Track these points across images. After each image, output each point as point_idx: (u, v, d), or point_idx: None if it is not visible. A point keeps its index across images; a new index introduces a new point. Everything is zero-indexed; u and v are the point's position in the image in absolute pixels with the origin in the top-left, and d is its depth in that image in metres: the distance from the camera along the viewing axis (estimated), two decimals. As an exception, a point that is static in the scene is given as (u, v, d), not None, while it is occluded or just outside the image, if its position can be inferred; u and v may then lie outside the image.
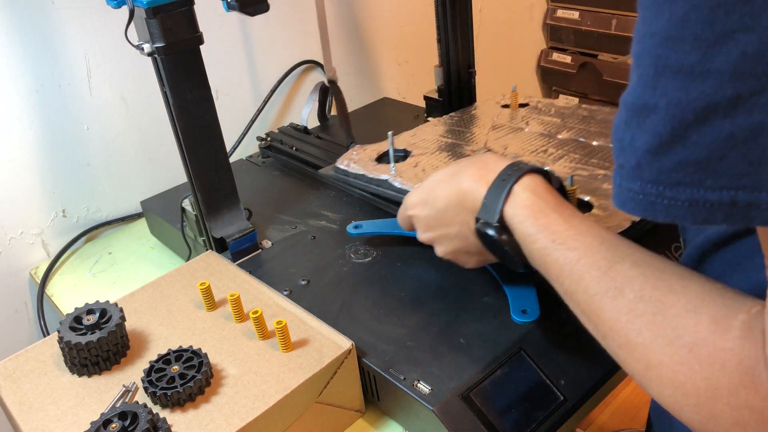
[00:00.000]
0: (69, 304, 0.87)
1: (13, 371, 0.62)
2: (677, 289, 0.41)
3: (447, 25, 1.01)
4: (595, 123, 0.85)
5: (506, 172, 0.56)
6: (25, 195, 0.94)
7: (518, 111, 0.93)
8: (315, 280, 0.74)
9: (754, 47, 0.29)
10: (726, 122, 0.31)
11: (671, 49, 0.31)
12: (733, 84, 0.30)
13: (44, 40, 0.90)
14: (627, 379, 0.63)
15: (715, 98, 0.31)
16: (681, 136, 0.32)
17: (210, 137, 0.75)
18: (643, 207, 0.34)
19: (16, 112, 0.90)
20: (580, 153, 0.78)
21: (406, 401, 0.59)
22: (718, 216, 0.32)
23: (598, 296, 0.44)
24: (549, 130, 0.86)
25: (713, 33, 0.30)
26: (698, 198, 0.32)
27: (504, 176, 0.55)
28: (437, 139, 0.87)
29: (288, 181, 0.98)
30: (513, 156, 0.78)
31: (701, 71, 0.31)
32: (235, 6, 0.70)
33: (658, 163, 0.33)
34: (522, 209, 0.53)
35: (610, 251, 0.47)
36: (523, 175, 0.55)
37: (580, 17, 1.62)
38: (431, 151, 0.82)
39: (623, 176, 0.35)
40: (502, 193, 0.54)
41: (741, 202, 0.32)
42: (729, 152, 0.31)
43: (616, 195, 0.36)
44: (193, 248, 0.86)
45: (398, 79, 1.39)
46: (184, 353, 0.60)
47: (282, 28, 1.15)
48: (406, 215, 0.66)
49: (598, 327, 0.45)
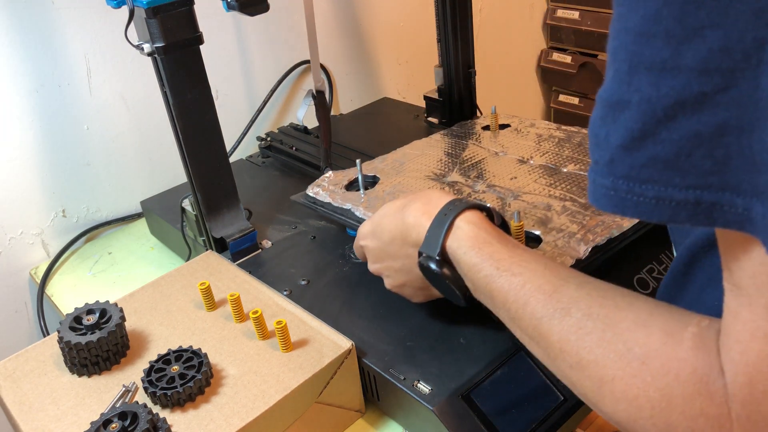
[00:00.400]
0: (69, 304, 0.87)
1: (13, 371, 0.62)
2: (624, 306, 0.41)
3: (447, 25, 1.01)
4: (569, 147, 0.86)
5: (448, 207, 0.57)
6: (25, 195, 0.94)
7: (498, 134, 0.94)
8: (315, 280, 0.74)
9: (721, 43, 0.29)
10: (693, 119, 0.31)
11: (645, 45, 0.31)
12: (699, 80, 0.30)
13: (44, 40, 0.90)
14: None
15: (683, 95, 0.31)
16: (651, 132, 0.32)
17: (210, 137, 0.75)
18: (614, 203, 0.34)
19: (16, 112, 0.90)
20: (545, 181, 0.78)
21: (406, 401, 0.59)
22: (682, 215, 0.32)
23: (546, 318, 0.45)
24: (522, 155, 0.86)
25: (683, 29, 0.30)
26: (665, 196, 0.32)
27: (446, 211, 0.56)
28: (413, 165, 0.87)
29: (288, 181, 0.98)
30: (484, 183, 0.79)
31: (672, 67, 0.31)
32: (235, 6, 0.70)
33: (630, 158, 0.33)
34: (465, 240, 0.54)
35: (554, 275, 0.47)
36: (465, 210, 0.56)
37: (580, 17, 1.62)
38: (400, 179, 0.83)
39: (597, 172, 0.35)
40: (443, 227, 0.55)
41: (705, 202, 0.32)
42: (696, 150, 0.31)
43: (591, 191, 0.36)
44: (193, 248, 0.86)
45: (398, 79, 1.39)
46: (184, 353, 0.60)
47: (282, 28, 1.15)
48: (358, 245, 0.67)
49: (548, 350, 0.45)
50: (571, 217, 0.69)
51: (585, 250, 0.64)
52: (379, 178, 0.84)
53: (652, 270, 0.70)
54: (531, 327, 0.46)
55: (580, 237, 0.65)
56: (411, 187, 0.80)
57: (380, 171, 0.86)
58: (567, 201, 0.73)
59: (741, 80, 0.30)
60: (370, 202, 0.77)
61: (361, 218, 0.75)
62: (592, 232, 0.66)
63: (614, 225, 0.67)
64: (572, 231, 0.66)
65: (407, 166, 0.86)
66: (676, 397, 0.36)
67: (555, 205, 0.72)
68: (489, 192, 0.77)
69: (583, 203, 0.71)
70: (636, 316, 0.40)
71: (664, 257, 0.71)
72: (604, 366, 0.40)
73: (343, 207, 0.77)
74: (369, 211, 0.75)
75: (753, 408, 0.33)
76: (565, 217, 0.69)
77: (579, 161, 0.81)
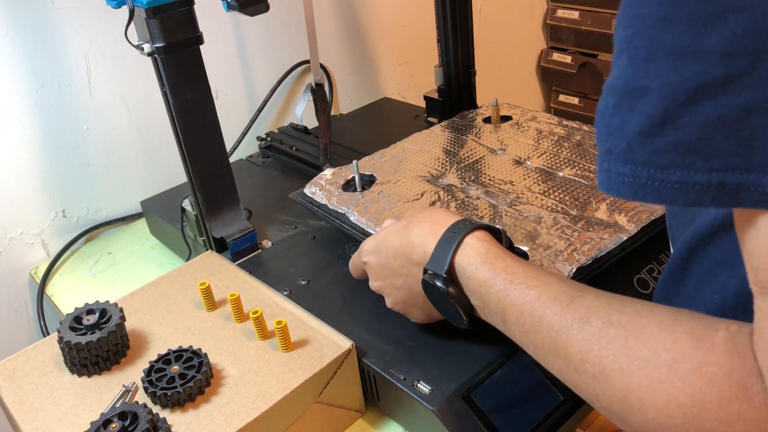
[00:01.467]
0: (69, 304, 0.87)
1: (13, 371, 0.62)
2: (645, 312, 0.40)
3: (447, 25, 1.01)
4: (568, 146, 0.86)
5: (456, 225, 0.56)
6: (25, 195, 0.94)
7: (499, 127, 0.93)
8: (315, 280, 0.74)
9: (745, 26, 0.29)
10: (716, 103, 0.31)
11: (664, 30, 0.31)
12: (723, 64, 0.30)
13: (44, 40, 0.90)
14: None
15: (706, 78, 0.30)
16: (673, 117, 0.32)
17: (210, 137, 0.75)
18: (633, 190, 0.34)
19: (16, 112, 0.90)
20: (539, 188, 0.78)
21: (406, 401, 0.59)
22: (707, 198, 0.32)
23: (564, 329, 0.43)
24: (520, 155, 0.86)
25: (706, 13, 0.30)
26: (688, 180, 0.32)
27: (454, 229, 0.56)
28: (409, 164, 0.87)
29: (288, 181, 0.98)
30: (479, 189, 0.79)
31: (693, 51, 0.30)
32: (235, 6, 0.70)
33: (650, 145, 0.33)
34: (476, 256, 0.53)
35: (570, 287, 0.46)
36: (475, 229, 0.55)
37: (580, 17, 1.62)
38: (396, 179, 0.83)
39: (612, 160, 0.35)
40: (452, 244, 0.54)
41: (730, 184, 0.31)
42: (719, 133, 0.31)
43: (604, 180, 0.36)
44: (193, 248, 0.86)
45: (398, 79, 1.39)
46: (184, 353, 0.60)
47: (282, 28, 1.15)
48: (359, 261, 0.66)
49: (567, 362, 0.43)
50: (560, 232, 0.69)
51: (570, 270, 0.63)
52: (376, 177, 0.84)
53: (652, 270, 0.70)
54: (548, 340, 0.45)
55: (566, 256, 0.65)
56: (406, 188, 0.81)
57: (378, 169, 0.86)
58: (558, 212, 0.72)
59: (767, 60, 0.29)
60: (365, 206, 0.77)
61: (355, 223, 0.75)
62: (578, 251, 0.65)
63: (601, 244, 0.66)
64: (559, 249, 0.66)
65: (404, 165, 0.86)
66: (711, 402, 0.35)
67: (546, 218, 0.72)
68: (483, 198, 0.77)
69: (574, 215, 0.71)
70: (660, 322, 0.39)
71: (663, 257, 0.71)
72: (630, 374, 0.38)
73: (338, 210, 0.77)
74: (363, 216, 0.75)
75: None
76: (555, 231, 0.69)
77: (576, 165, 0.81)
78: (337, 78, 1.27)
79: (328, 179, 0.83)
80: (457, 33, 1.01)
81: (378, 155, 0.89)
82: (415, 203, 0.77)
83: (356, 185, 0.81)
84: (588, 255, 0.65)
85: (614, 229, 0.68)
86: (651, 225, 0.69)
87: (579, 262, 0.64)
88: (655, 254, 0.71)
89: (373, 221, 0.74)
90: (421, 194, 0.79)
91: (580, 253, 0.65)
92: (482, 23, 1.53)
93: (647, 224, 0.69)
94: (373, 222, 0.74)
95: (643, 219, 0.69)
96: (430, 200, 0.78)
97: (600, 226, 0.69)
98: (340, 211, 0.77)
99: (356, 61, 1.30)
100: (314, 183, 0.83)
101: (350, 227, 0.75)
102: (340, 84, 1.28)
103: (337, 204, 0.78)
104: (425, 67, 1.41)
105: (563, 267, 0.64)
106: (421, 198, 0.78)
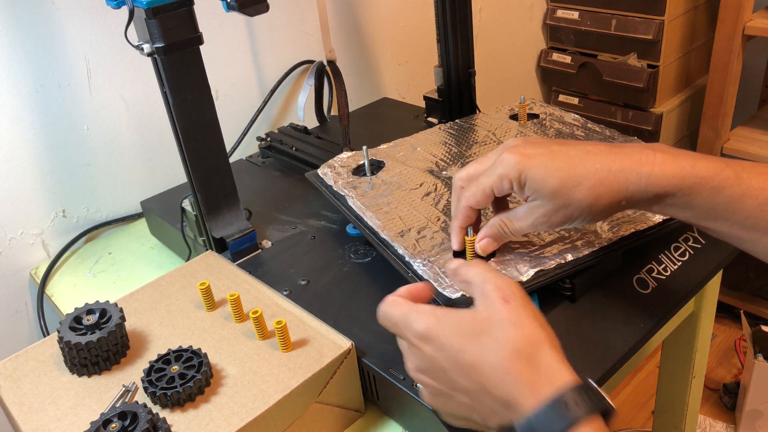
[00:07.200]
0: (69, 304, 0.87)
1: (13, 371, 0.62)
2: None
3: (447, 25, 1.01)
4: None
5: (568, 395, 0.44)
6: (25, 195, 0.94)
7: (526, 125, 0.93)
8: (315, 280, 0.74)
9: None
10: None
11: None
12: None
13: (44, 40, 0.90)
14: (627, 379, 0.63)
15: None
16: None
17: (210, 137, 0.75)
18: None
19: (16, 113, 0.90)
20: None
21: (406, 401, 0.59)
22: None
23: None
24: None
25: None
26: None
27: (566, 399, 0.44)
28: (422, 154, 0.87)
29: (288, 181, 0.98)
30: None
31: None
32: (235, 6, 0.70)
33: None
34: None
35: None
36: (592, 417, 0.44)
37: (580, 17, 1.62)
38: (403, 168, 0.84)
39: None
40: (562, 424, 0.43)
41: None
42: None
43: None
44: (193, 248, 0.86)
45: (398, 79, 1.39)
46: (184, 353, 0.60)
47: (282, 28, 1.15)
48: (397, 327, 0.53)
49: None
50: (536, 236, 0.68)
51: (527, 272, 0.62)
52: (385, 163, 0.85)
53: (651, 270, 0.70)
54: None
55: (529, 259, 0.64)
56: (408, 177, 0.82)
57: (390, 156, 0.87)
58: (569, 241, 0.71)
59: None
60: (364, 191, 0.79)
61: (350, 206, 0.76)
62: (542, 256, 0.64)
63: (571, 247, 0.65)
64: (522, 252, 0.65)
65: (417, 154, 0.87)
66: None
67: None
68: None
69: None
70: None
71: (664, 257, 0.71)
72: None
73: (339, 192, 0.79)
74: (359, 200, 0.77)
75: None
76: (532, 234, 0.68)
77: None
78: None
79: (343, 162, 0.85)
80: (456, 33, 1.01)
81: (394, 144, 0.91)
82: (411, 192, 0.78)
83: (366, 170, 0.83)
84: (552, 260, 0.64)
85: (593, 236, 0.67)
86: (631, 237, 0.68)
87: (540, 266, 0.63)
88: (656, 254, 0.71)
89: (366, 206, 0.76)
90: (419, 184, 0.80)
91: (544, 259, 0.64)
92: (482, 23, 1.53)
93: (627, 235, 0.67)
94: (365, 207, 0.76)
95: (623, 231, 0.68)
96: (427, 191, 0.79)
97: (577, 232, 0.68)
98: (341, 194, 0.79)
99: (356, 61, 1.30)
100: (328, 165, 0.85)
101: (347, 210, 0.77)
102: (340, 84, 1.28)
103: (341, 186, 0.80)
104: (425, 68, 1.41)
105: (523, 269, 0.63)
106: (419, 188, 0.79)
